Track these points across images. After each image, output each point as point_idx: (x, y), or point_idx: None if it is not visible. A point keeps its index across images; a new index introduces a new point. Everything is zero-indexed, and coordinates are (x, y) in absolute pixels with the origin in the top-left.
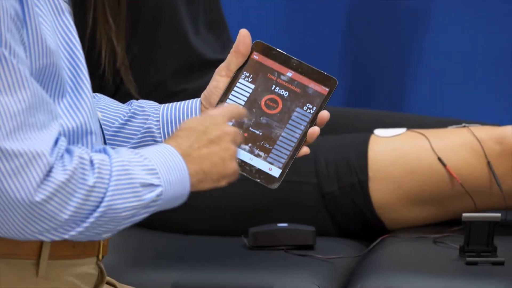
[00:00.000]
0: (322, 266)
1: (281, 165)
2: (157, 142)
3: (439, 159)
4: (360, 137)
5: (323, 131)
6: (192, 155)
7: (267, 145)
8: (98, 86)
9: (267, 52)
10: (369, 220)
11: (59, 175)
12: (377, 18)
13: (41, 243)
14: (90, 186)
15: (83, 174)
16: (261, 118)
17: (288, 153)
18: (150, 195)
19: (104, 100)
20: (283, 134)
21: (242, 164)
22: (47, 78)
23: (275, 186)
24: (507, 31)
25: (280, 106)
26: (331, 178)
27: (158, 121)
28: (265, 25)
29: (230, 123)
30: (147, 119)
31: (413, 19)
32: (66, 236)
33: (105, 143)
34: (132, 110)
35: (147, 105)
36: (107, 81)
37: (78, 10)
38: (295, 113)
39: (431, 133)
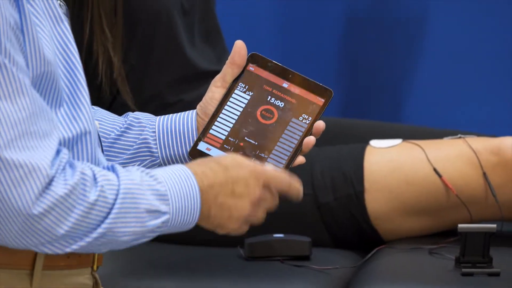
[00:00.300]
0: (318, 277)
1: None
2: (153, 153)
3: (435, 170)
4: (356, 148)
5: (318, 142)
6: (208, 195)
7: (262, 155)
8: (96, 97)
9: (263, 63)
10: (365, 231)
11: (59, 189)
12: (373, 29)
13: (35, 253)
14: (90, 203)
15: (84, 190)
16: (257, 128)
17: (284, 162)
18: (154, 221)
19: (100, 112)
20: (278, 143)
21: None
22: (45, 87)
23: None
24: (504, 46)
25: (276, 116)
26: (327, 189)
27: (154, 132)
28: (261, 33)
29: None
30: (143, 130)
31: (410, 29)
32: (60, 252)
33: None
34: (128, 122)
35: (143, 117)
36: (104, 92)
37: (76, 21)
38: (290, 123)
39: (426, 144)
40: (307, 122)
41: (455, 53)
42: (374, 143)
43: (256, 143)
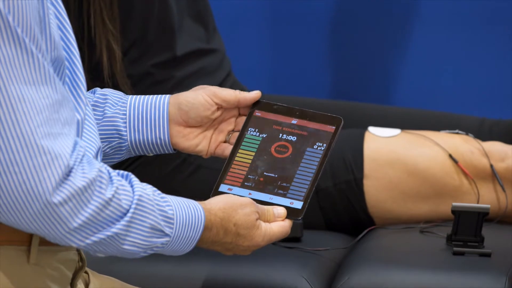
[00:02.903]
0: (309, 258)
1: (301, 198)
2: (121, 135)
3: (451, 156)
4: (354, 134)
5: None
6: (211, 244)
7: (284, 184)
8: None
9: (268, 108)
10: (360, 218)
11: (77, 180)
12: (364, 11)
13: None
14: (105, 200)
15: (100, 187)
16: (274, 163)
17: (306, 187)
18: (156, 240)
19: None
20: (298, 172)
21: (261, 203)
22: (56, 70)
23: (299, 217)
24: (494, 30)
25: (290, 150)
26: (326, 174)
27: (125, 114)
28: (250, 20)
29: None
30: (109, 109)
31: (404, 11)
32: (67, 244)
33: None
34: (94, 99)
35: (111, 95)
36: (106, 84)
37: (76, 16)
38: (306, 152)
39: (426, 135)
40: (323, 149)
41: (447, 37)
42: (373, 130)
43: (276, 176)
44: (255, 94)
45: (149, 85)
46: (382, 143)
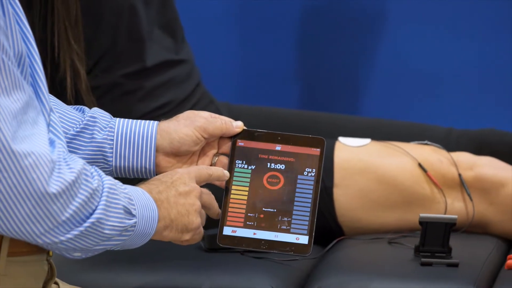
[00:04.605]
0: (278, 269)
1: (306, 231)
2: (107, 161)
3: (420, 165)
4: None
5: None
6: (161, 200)
7: (285, 219)
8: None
9: (249, 135)
10: (329, 227)
11: (67, 175)
12: (331, 21)
13: (1, 239)
14: (92, 190)
15: (86, 180)
16: (270, 196)
17: (307, 218)
18: (128, 221)
19: (60, 106)
20: (295, 203)
21: (269, 243)
22: (19, 69)
23: (308, 252)
24: (461, 34)
25: (282, 179)
26: None
27: (112, 140)
28: (218, 29)
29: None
30: (99, 132)
31: (372, 21)
32: (54, 240)
33: None
34: (84, 122)
35: (100, 117)
36: (69, 103)
37: (40, 36)
38: (298, 181)
39: (395, 145)
40: (313, 174)
41: (414, 46)
42: (343, 140)
43: (275, 210)
44: (239, 128)
45: (119, 96)
46: (352, 153)
